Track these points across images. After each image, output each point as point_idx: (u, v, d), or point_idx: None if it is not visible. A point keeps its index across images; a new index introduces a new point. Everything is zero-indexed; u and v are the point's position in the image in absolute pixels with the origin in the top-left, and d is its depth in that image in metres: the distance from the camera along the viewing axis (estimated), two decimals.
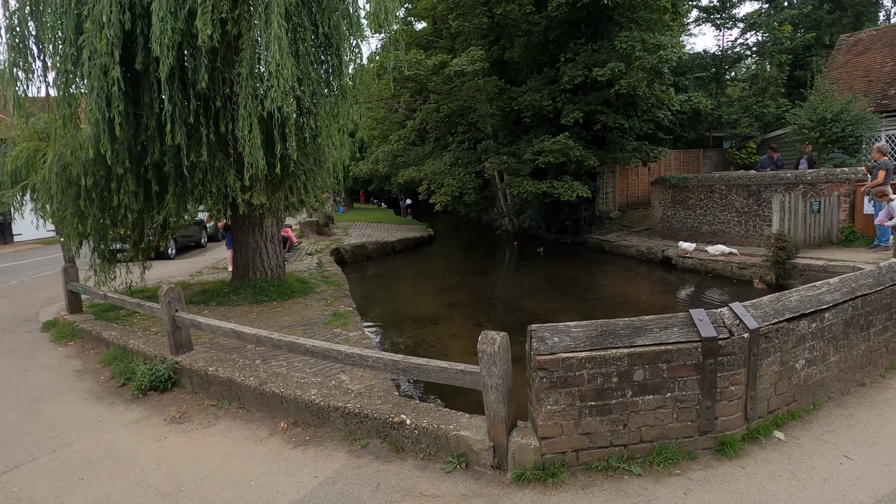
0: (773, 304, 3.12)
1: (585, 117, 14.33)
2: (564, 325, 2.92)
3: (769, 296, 3.17)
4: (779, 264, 9.75)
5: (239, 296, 8.63)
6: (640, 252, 14.58)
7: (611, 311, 9.17)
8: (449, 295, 11.15)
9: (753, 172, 12.80)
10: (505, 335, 2.94)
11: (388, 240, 18.51)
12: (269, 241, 8.95)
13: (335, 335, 6.38)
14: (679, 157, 20.07)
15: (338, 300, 8.42)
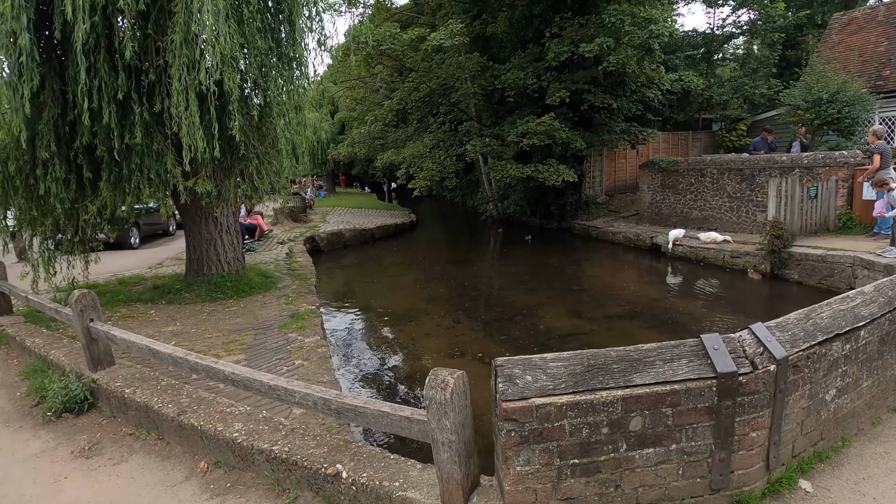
0: (802, 323, 2.46)
1: (572, 97, 13.57)
2: (541, 358, 2.23)
3: (796, 313, 2.52)
4: (774, 253, 9.19)
5: (192, 293, 7.86)
6: (628, 239, 14.00)
7: (597, 305, 8.58)
8: (427, 287, 10.46)
9: (746, 156, 12.20)
10: (461, 375, 2.25)
11: (367, 227, 17.71)
12: (224, 233, 8.14)
13: (289, 341, 5.67)
14: (668, 139, 19.44)
15: (301, 297, 7.69)
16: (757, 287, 9.16)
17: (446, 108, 17.74)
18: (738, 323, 7.34)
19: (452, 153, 13.98)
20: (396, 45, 12.98)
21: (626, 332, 7.25)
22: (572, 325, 7.67)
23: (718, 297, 8.79)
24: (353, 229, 17.14)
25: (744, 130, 18.29)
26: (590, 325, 7.60)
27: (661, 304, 8.50)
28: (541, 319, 8.00)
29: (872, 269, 7.61)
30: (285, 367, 4.94)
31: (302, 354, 5.21)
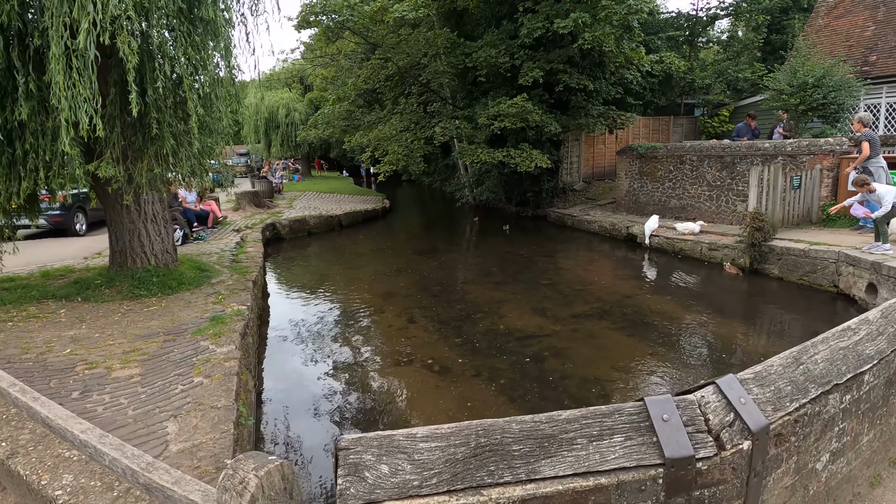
0: (790, 371, 1.78)
1: (546, 77, 12.77)
2: (408, 436, 1.51)
3: (780, 358, 1.83)
4: (754, 247, 8.61)
5: (113, 289, 7.01)
6: (604, 228, 13.37)
7: (565, 302, 7.91)
8: (387, 281, 9.71)
9: (728, 142, 11.58)
10: (275, 470, 1.50)
11: (334, 213, 16.82)
12: (149, 222, 7.27)
13: (198, 350, 4.89)
14: (648, 124, 18.78)
15: (233, 294, 6.88)
16: (735, 283, 8.58)
17: (418, 89, 16.81)
18: (712, 326, 6.74)
19: (421, 135, 13.10)
20: (356, 17, 12.01)
21: (592, 335, 6.60)
22: (535, 325, 7.00)
23: (693, 293, 8.19)
24: (319, 216, 16.25)
25: (726, 116, 17.70)
26: (554, 326, 6.93)
27: (633, 301, 7.87)
28: (502, 318, 7.31)
29: (858, 265, 7.05)
30: (180, 387, 4.18)
31: (206, 369, 4.44)
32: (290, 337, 7.10)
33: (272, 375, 5.84)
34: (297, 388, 5.57)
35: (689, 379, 5.25)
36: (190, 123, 5.40)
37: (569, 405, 4.88)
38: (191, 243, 11.10)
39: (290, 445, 4.46)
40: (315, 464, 4.20)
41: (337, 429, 4.66)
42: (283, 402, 5.24)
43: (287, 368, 6.05)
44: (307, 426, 4.75)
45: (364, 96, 18.02)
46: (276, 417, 4.95)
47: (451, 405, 4.99)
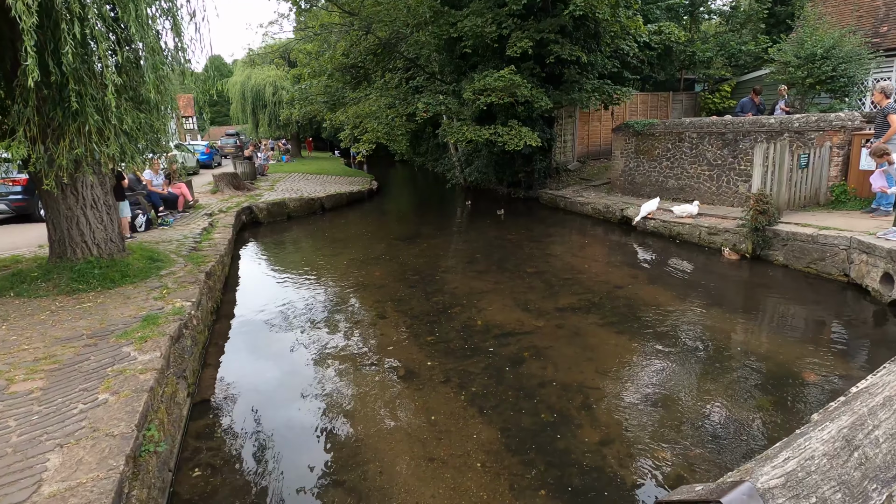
0: (838, 465, 1.09)
1: (537, 48, 11.90)
2: None
3: (820, 441, 1.14)
4: (757, 231, 7.93)
5: (49, 282, 6.31)
6: (597, 210, 12.68)
7: (550, 293, 7.26)
8: (362, 270, 9.03)
9: (730, 118, 10.80)
10: None
11: (316, 196, 16.07)
12: (89, 208, 6.54)
13: (116, 359, 4.22)
14: (646, 100, 17.93)
15: (181, 288, 6.20)
16: (736, 271, 7.92)
17: (404, 64, 15.90)
18: (710, 320, 6.09)
19: (403, 112, 12.27)
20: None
21: (578, 331, 5.95)
22: (516, 320, 6.34)
23: (690, 283, 7.53)
24: (300, 199, 15.49)
25: (728, 92, 16.85)
26: (536, 321, 6.28)
27: (625, 292, 7.22)
28: (481, 312, 6.66)
29: (872, 253, 6.38)
30: (80, 406, 3.53)
31: (116, 384, 3.78)
32: (245, 335, 6.45)
33: (212, 381, 5.19)
34: (242, 394, 4.92)
35: (682, 389, 4.61)
36: (107, 96, 4.62)
37: (545, 420, 4.26)
38: (155, 229, 10.38)
39: (214, 469, 3.82)
40: (236, 481, 3.57)
41: (274, 449, 4.03)
42: (221, 412, 4.60)
43: (233, 371, 5.40)
44: (240, 443, 4.11)
45: (349, 72, 17.09)
46: (207, 432, 4.31)
47: (412, 419, 4.36)
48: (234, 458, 4.01)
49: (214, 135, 57.64)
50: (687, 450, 3.80)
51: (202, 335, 5.82)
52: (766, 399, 4.38)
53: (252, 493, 3.59)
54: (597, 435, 4.03)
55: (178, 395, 4.39)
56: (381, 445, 4.04)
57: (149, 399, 3.62)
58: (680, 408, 4.33)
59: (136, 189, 10.64)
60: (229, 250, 9.67)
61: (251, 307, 7.44)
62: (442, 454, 3.88)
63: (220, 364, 5.63)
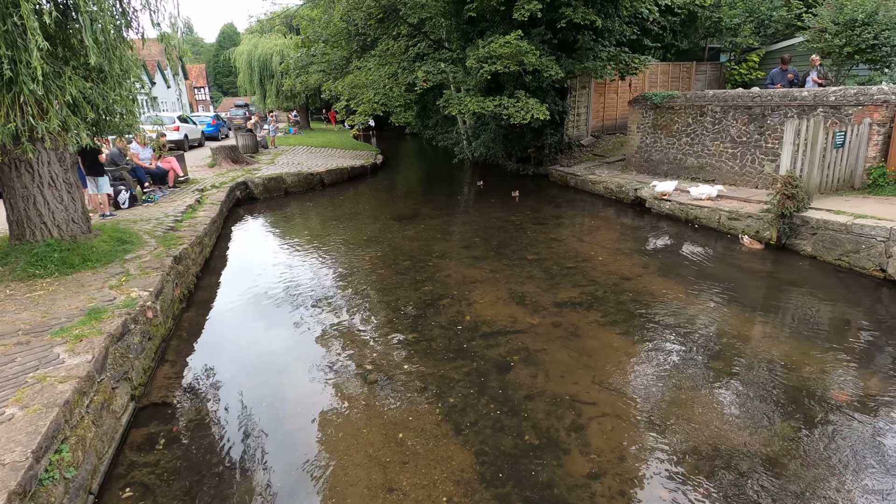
0: None
1: (548, 12, 10.93)
2: None
3: None
4: (784, 218, 7.15)
5: (6, 267, 5.86)
6: (609, 190, 11.88)
7: (550, 284, 6.63)
8: (351, 254, 8.47)
9: (757, 90, 9.83)
10: None
11: (316, 171, 15.42)
12: (46, 187, 6.01)
13: (42, 362, 3.72)
14: (667, 71, 16.79)
15: (143, 275, 5.68)
16: (757, 261, 7.17)
17: (408, 30, 14.96)
18: (726, 320, 5.41)
19: (402, 81, 11.46)
20: None
21: (576, 331, 5.33)
22: (508, 316, 5.74)
23: (706, 275, 6.81)
24: (297, 174, 14.87)
25: (756, 62, 15.65)
26: (531, 318, 5.67)
27: (632, 284, 6.54)
28: (471, 306, 6.06)
29: None
30: None
31: (29, 395, 3.29)
32: (214, 325, 5.97)
33: (166, 380, 4.70)
34: (197, 395, 4.44)
35: (689, 408, 3.98)
36: (32, 62, 4.01)
37: (529, 443, 3.68)
38: (139, 206, 9.89)
39: (147, 489, 3.33)
40: None
41: (216, 466, 3.52)
42: (169, 418, 4.11)
43: (192, 368, 4.92)
44: (183, 456, 3.61)
45: (356, 40, 16.20)
46: (149, 442, 3.82)
47: (376, 437, 3.82)
48: (171, 476, 3.53)
49: (227, 106, 56.88)
50: (692, 489, 3.21)
51: (161, 328, 5.33)
52: (788, 426, 3.74)
53: None
54: (587, 465, 3.44)
55: (114, 402, 3.90)
56: (336, 469, 3.51)
57: (59, 416, 3.11)
58: (685, 433, 3.72)
59: (120, 163, 10.12)
60: (213, 230, 9.16)
61: (228, 293, 6.95)
62: (404, 484, 3.35)
63: (178, 360, 5.14)
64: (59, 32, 5.11)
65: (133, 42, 6.18)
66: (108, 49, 5.15)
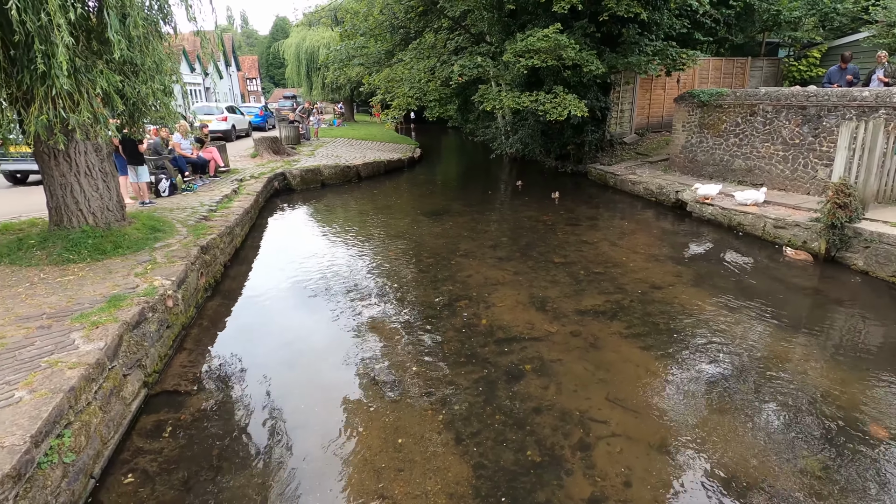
0: None
1: (590, 5, 10.52)
2: None
3: None
4: (835, 228, 6.62)
5: (45, 251, 6.13)
6: (649, 191, 11.40)
7: (575, 290, 6.39)
8: (377, 248, 8.47)
9: (814, 89, 9.14)
10: None
11: (352, 163, 15.54)
12: (83, 175, 6.25)
13: (58, 346, 3.85)
14: (720, 66, 15.93)
15: (169, 263, 5.83)
16: (803, 275, 6.68)
17: (449, 24, 14.80)
18: (763, 340, 5.05)
19: (439, 75, 11.32)
20: None
21: (595, 342, 5.10)
22: (526, 322, 5.56)
23: (745, 288, 6.39)
24: (335, 166, 15.03)
25: (817, 59, 14.60)
26: (549, 325, 5.47)
27: (663, 294, 6.22)
28: (489, 309, 5.91)
29: None
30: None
31: (39, 379, 3.39)
32: (235, 315, 6.06)
33: (181, 368, 4.79)
34: (209, 383, 4.50)
35: (708, 434, 3.71)
36: (58, 57, 4.12)
37: (531, 459, 3.52)
38: (178, 194, 10.21)
39: (148, 476, 3.39)
40: (164, 495, 3.13)
41: (216, 455, 3.54)
42: (179, 406, 4.18)
43: (208, 357, 5.00)
44: (186, 446, 3.66)
45: (398, 33, 16.19)
46: (157, 428, 3.90)
47: (375, 440, 3.75)
48: (173, 464, 3.58)
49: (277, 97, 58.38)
50: None
51: (182, 316, 5.44)
52: (815, 461, 3.42)
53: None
54: (588, 488, 3.26)
55: (124, 388, 3.99)
56: (330, 471, 3.47)
57: (63, 401, 3.19)
58: (700, 462, 3.47)
59: (161, 153, 10.47)
60: (246, 220, 9.35)
61: (253, 284, 7.07)
62: (396, 492, 3.26)
63: (196, 349, 5.24)
64: (95, 27, 5.27)
65: (170, 36, 6.34)
66: (140, 44, 5.28)
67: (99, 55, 5.21)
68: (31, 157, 9.58)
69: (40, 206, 7.71)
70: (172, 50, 6.64)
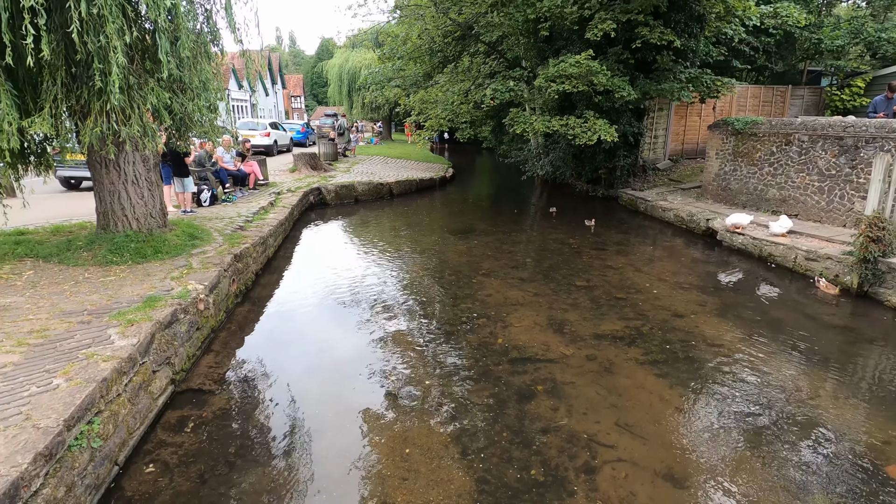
0: None
1: (623, 31, 10.63)
2: None
3: None
4: (867, 263, 6.42)
5: (91, 252, 6.56)
6: (680, 218, 11.26)
7: (595, 314, 6.39)
8: (401, 265, 8.66)
9: (852, 119, 8.94)
10: None
11: (385, 181, 15.93)
12: (130, 183, 6.69)
13: (95, 341, 4.13)
14: (758, 94, 15.69)
15: (204, 269, 6.15)
16: (833, 310, 6.48)
17: (484, 49, 15.15)
18: (787, 375, 4.94)
19: (472, 98, 11.60)
20: None
21: (610, 367, 5.08)
22: (542, 343, 5.59)
23: (771, 321, 6.25)
24: (368, 183, 15.44)
25: (861, 88, 14.21)
26: (565, 348, 5.48)
27: (684, 322, 6.15)
28: (506, 329, 5.97)
29: None
30: (34, 388, 3.43)
31: (76, 369, 3.66)
32: (263, 321, 6.31)
33: (207, 368, 5.02)
34: (232, 384, 4.71)
35: (719, 471, 3.66)
36: (111, 76, 4.51)
37: (535, 478, 3.56)
38: (218, 205, 10.71)
39: (167, 467, 3.58)
40: (181, 486, 3.31)
41: (231, 452, 3.71)
42: (202, 404, 4.39)
43: (233, 359, 5.23)
44: (205, 440, 3.84)
45: (437, 55, 16.66)
46: (180, 423, 4.11)
47: (383, 447, 3.86)
48: (192, 457, 3.78)
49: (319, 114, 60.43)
50: None
51: (212, 319, 5.72)
52: (826, 499, 3.33)
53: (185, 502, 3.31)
54: None
55: (153, 383, 4.24)
56: (337, 474, 3.59)
57: (95, 391, 3.43)
58: (705, 493, 3.43)
59: (206, 165, 11.03)
60: (280, 231, 9.71)
61: (282, 292, 7.34)
62: (398, 500, 3.35)
63: (223, 351, 5.49)
64: (149, 48, 5.71)
65: (217, 56, 6.79)
66: (189, 64, 5.69)
67: (151, 73, 5.64)
68: (84, 165, 10.25)
69: (90, 211, 8.25)
70: (219, 69, 7.09)
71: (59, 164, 12.16)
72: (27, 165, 6.60)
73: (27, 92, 5.15)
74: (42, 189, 10.66)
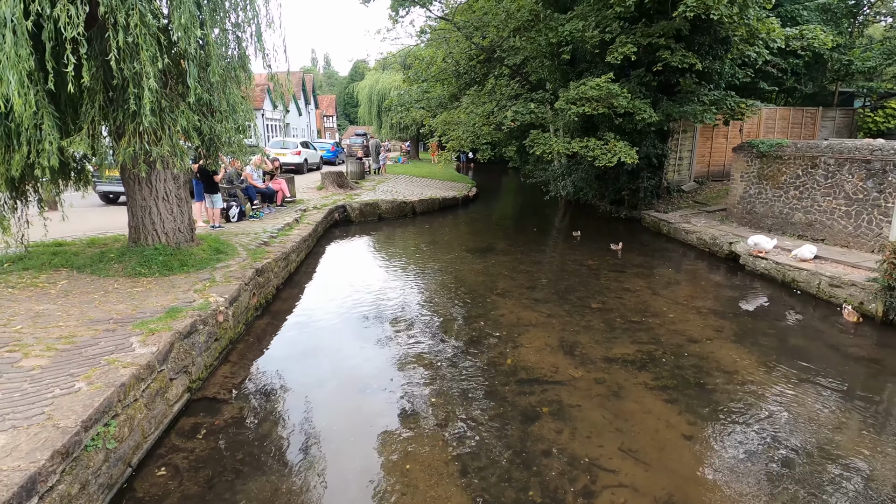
0: None
1: (645, 55, 10.67)
2: None
3: None
4: (892, 290, 6.22)
5: (121, 264, 6.90)
6: (702, 241, 11.10)
7: (608, 337, 6.36)
8: (417, 282, 8.79)
9: (881, 142, 8.73)
10: None
11: (409, 199, 16.19)
12: (161, 200, 7.04)
13: (118, 347, 4.35)
14: (787, 116, 15.42)
15: (226, 282, 6.39)
16: (855, 338, 6.28)
17: (508, 71, 15.39)
18: (803, 405, 4.82)
19: (493, 120, 11.78)
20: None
21: (618, 391, 5.05)
22: (551, 365, 5.59)
23: (789, 349, 6.10)
24: (392, 201, 15.72)
25: (895, 110, 13.83)
26: (574, 370, 5.47)
27: (699, 348, 6.06)
28: (516, 349, 5.99)
29: None
30: (58, 391, 3.65)
31: (98, 373, 3.87)
32: (280, 334, 6.50)
33: (223, 378, 5.20)
34: (244, 394, 4.87)
35: (718, 496, 3.60)
36: (142, 100, 4.83)
37: (532, 499, 3.57)
38: (246, 221, 11.09)
39: (177, 471, 3.73)
40: (188, 490, 3.44)
41: (238, 460, 3.84)
42: (215, 412, 4.55)
43: (247, 370, 5.39)
44: (214, 448, 3.99)
45: (462, 78, 17.01)
46: (193, 430, 4.27)
47: (384, 462, 3.93)
48: (202, 463, 3.93)
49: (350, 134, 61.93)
50: None
51: (230, 331, 5.94)
52: None
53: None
54: None
55: (169, 390, 4.43)
56: (337, 485, 3.68)
57: (113, 395, 3.63)
58: None
59: (235, 182, 11.47)
60: (303, 247, 9.98)
61: (301, 307, 7.54)
62: None
63: (240, 362, 5.67)
64: (182, 72, 6.07)
65: (246, 80, 7.14)
66: (218, 88, 6.02)
67: (182, 97, 5.98)
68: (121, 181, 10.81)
69: (125, 224, 8.69)
70: (248, 93, 7.44)
71: (98, 179, 12.86)
72: (67, 181, 7.05)
73: (68, 113, 5.53)
74: (81, 203, 11.22)
